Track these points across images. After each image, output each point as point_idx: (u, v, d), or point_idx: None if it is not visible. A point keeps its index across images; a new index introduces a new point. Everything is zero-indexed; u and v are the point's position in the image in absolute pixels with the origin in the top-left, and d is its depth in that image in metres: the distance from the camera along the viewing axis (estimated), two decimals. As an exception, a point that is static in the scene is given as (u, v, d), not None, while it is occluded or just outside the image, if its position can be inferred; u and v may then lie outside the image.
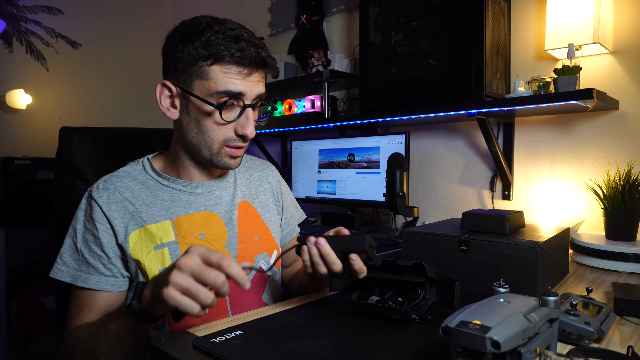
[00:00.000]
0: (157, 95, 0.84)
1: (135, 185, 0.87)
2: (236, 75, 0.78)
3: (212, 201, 0.91)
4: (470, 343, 0.42)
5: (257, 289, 0.92)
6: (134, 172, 0.90)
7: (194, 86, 0.79)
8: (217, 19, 0.81)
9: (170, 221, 0.85)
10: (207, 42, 0.77)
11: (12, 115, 2.63)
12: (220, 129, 0.82)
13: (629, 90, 1.37)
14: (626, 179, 1.16)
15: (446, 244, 0.93)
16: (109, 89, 3.01)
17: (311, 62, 2.03)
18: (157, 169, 0.90)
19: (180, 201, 0.88)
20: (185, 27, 0.80)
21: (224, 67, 0.77)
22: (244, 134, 0.82)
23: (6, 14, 2.55)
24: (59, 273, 0.82)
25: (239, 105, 0.81)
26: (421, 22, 1.53)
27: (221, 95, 0.78)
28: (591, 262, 1.12)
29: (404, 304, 0.74)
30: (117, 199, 0.84)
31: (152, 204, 0.86)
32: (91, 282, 0.81)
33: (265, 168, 1.07)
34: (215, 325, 0.70)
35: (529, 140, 1.59)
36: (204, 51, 0.77)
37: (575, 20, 1.32)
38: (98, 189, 0.85)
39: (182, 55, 0.79)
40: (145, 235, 0.83)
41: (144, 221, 0.84)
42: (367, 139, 1.81)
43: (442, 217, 1.81)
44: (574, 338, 0.62)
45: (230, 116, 0.81)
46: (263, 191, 1.02)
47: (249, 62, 0.78)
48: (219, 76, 0.78)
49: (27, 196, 2.25)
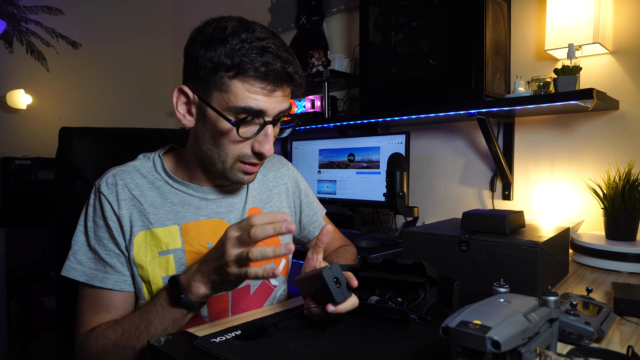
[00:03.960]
0: (173, 100, 0.78)
1: (144, 183, 0.83)
2: (259, 91, 0.72)
3: (224, 208, 0.88)
4: (470, 343, 0.42)
5: (260, 299, 0.90)
6: (143, 168, 0.85)
7: (213, 97, 0.74)
8: (246, 24, 0.74)
9: (178, 226, 0.82)
10: (231, 50, 0.70)
11: (12, 115, 2.64)
12: (236, 144, 0.77)
13: (629, 90, 1.37)
14: (626, 179, 1.16)
15: (446, 244, 0.93)
16: (109, 89, 3.01)
17: (311, 62, 2.03)
18: (169, 170, 0.86)
19: (190, 206, 0.84)
20: (210, 30, 0.74)
21: (247, 81, 0.71)
22: (261, 152, 0.77)
23: (7, 14, 2.55)
24: (72, 272, 0.78)
25: (259, 122, 0.75)
26: (421, 22, 1.53)
27: (240, 111, 0.73)
28: (591, 262, 1.12)
29: (404, 304, 0.74)
30: (125, 197, 0.80)
31: (160, 206, 0.82)
32: (109, 282, 0.78)
33: (282, 167, 1.02)
34: (215, 325, 0.70)
35: (529, 140, 1.59)
36: (227, 60, 0.71)
37: (575, 20, 1.32)
38: (107, 185, 0.81)
39: (202, 62, 0.72)
40: (151, 239, 0.80)
41: (151, 224, 0.80)
42: (367, 139, 1.81)
43: (442, 217, 1.81)
44: (574, 338, 0.62)
45: (248, 132, 0.75)
46: (277, 193, 0.98)
47: (274, 78, 0.72)
48: (240, 90, 0.72)
49: (27, 196, 2.25)
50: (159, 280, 0.80)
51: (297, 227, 1.05)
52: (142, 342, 0.70)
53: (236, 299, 0.86)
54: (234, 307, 0.86)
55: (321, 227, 1.07)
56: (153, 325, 0.70)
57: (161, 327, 0.70)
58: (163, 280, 0.80)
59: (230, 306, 0.86)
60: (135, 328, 0.71)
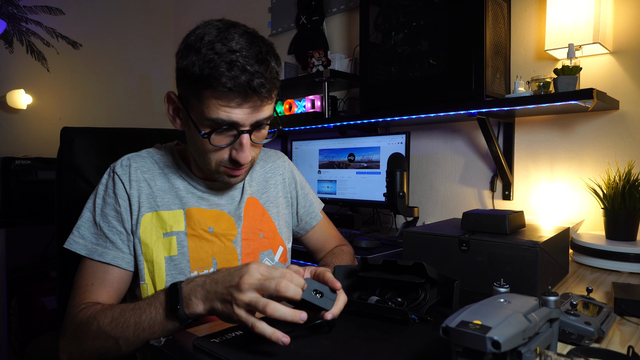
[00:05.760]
0: (165, 104, 0.84)
1: (156, 169, 0.89)
2: (227, 104, 0.74)
3: (224, 200, 0.92)
4: (470, 343, 0.42)
5: None
6: (156, 156, 0.91)
7: (191, 104, 0.77)
8: (225, 32, 0.74)
9: (182, 210, 0.87)
10: (203, 62, 0.72)
11: (12, 115, 2.64)
12: (215, 152, 0.80)
13: (629, 90, 1.37)
14: (626, 179, 1.16)
15: (446, 244, 0.93)
16: (109, 89, 3.01)
17: (311, 62, 2.03)
18: (179, 161, 0.91)
19: (194, 195, 0.90)
20: (192, 38, 0.76)
21: (215, 95, 0.73)
22: (237, 160, 0.79)
23: (7, 14, 2.55)
24: (74, 245, 0.82)
25: (233, 133, 0.77)
26: (421, 22, 1.53)
27: (213, 122, 0.75)
28: (591, 262, 1.12)
29: (404, 304, 0.74)
30: (138, 178, 0.86)
31: (168, 191, 0.88)
32: (108, 256, 0.81)
33: (277, 159, 1.07)
34: (215, 326, 0.70)
35: (529, 140, 1.59)
36: (199, 70, 0.72)
37: (575, 20, 1.32)
38: (122, 166, 0.87)
39: (182, 70, 0.76)
40: (157, 220, 0.85)
41: (158, 206, 0.86)
42: (367, 139, 1.81)
43: (442, 217, 1.81)
44: (574, 338, 0.62)
45: (223, 141, 0.78)
46: (274, 184, 1.03)
47: (240, 92, 0.73)
48: (211, 102, 0.74)
49: (28, 196, 2.25)
50: (161, 260, 0.83)
51: (295, 219, 1.08)
52: (125, 336, 0.70)
53: None
54: None
55: (318, 219, 1.11)
56: (142, 324, 0.69)
57: (150, 329, 0.69)
58: (165, 261, 0.84)
59: None
60: (124, 320, 0.71)
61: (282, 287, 0.58)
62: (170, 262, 0.84)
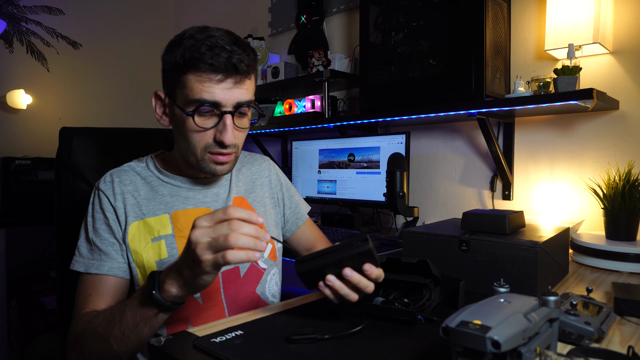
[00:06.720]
0: (152, 104, 0.88)
1: (138, 179, 0.92)
2: (209, 83, 0.79)
3: (210, 198, 0.95)
4: (470, 343, 0.42)
5: (251, 281, 0.94)
6: (137, 167, 0.94)
7: (176, 95, 0.82)
8: (204, 29, 0.81)
9: (168, 215, 0.89)
10: (184, 50, 0.78)
11: (12, 115, 2.64)
12: (199, 135, 0.83)
13: (629, 90, 1.37)
14: (626, 179, 1.16)
15: (446, 244, 0.93)
16: (109, 89, 3.01)
17: (311, 62, 2.03)
18: (159, 167, 0.94)
19: (179, 197, 0.92)
20: (174, 37, 0.83)
21: (198, 74, 0.78)
22: (222, 140, 0.82)
23: (7, 14, 2.55)
24: (75, 264, 0.86)
25: (217, 113, 0.81)
26: (421, 22, 1.53)
27: (196, 103, 0.79)
28: (591, 262, 1.12)
29: (410, 305, 0.73)
30: (121, 191, 0.89)
31: (152, 198, 0.90)
32: (104, 268, 0.84)
33: (263, 162, 1.09)
34: (215, 325, 0.70)
35: (529, 140, 1.59)
36: (181, 59, 0.79)
37: (575, 20, 1.32)
38: (105, 182, 0.90)
39: (166, 66, 0.82)
40: (144, 228, 0.87)
41: (144, 214, 0.88)
42: (367, 139, 1.81)
43: (442, 217, 1.81)
44: (574, 338, 0.62)
45: (207, 123, 0.82)
46: (260, 185, 1.05)
47: (220, 68, 0.78)
48: (194, 84, 0.79)
49: (28, 196, 2.25)
50: (153, 264, 0.86)
51: (281, 220, 1.10)
52: (114, 334, 0.71)
53: (227, 282, 0.90)
54: (226, 289, 0.90)
55: (305, 219, 1.13)
56: (125, 318, 0.71)
57: (132, 322, 0.71)
58: (157, 264, 0.86)
59: (222, 288, 0.90)
60: (112, 317, 0.73)
61: (231, 241, 0.61)
62: (162, 265, 0.86)
